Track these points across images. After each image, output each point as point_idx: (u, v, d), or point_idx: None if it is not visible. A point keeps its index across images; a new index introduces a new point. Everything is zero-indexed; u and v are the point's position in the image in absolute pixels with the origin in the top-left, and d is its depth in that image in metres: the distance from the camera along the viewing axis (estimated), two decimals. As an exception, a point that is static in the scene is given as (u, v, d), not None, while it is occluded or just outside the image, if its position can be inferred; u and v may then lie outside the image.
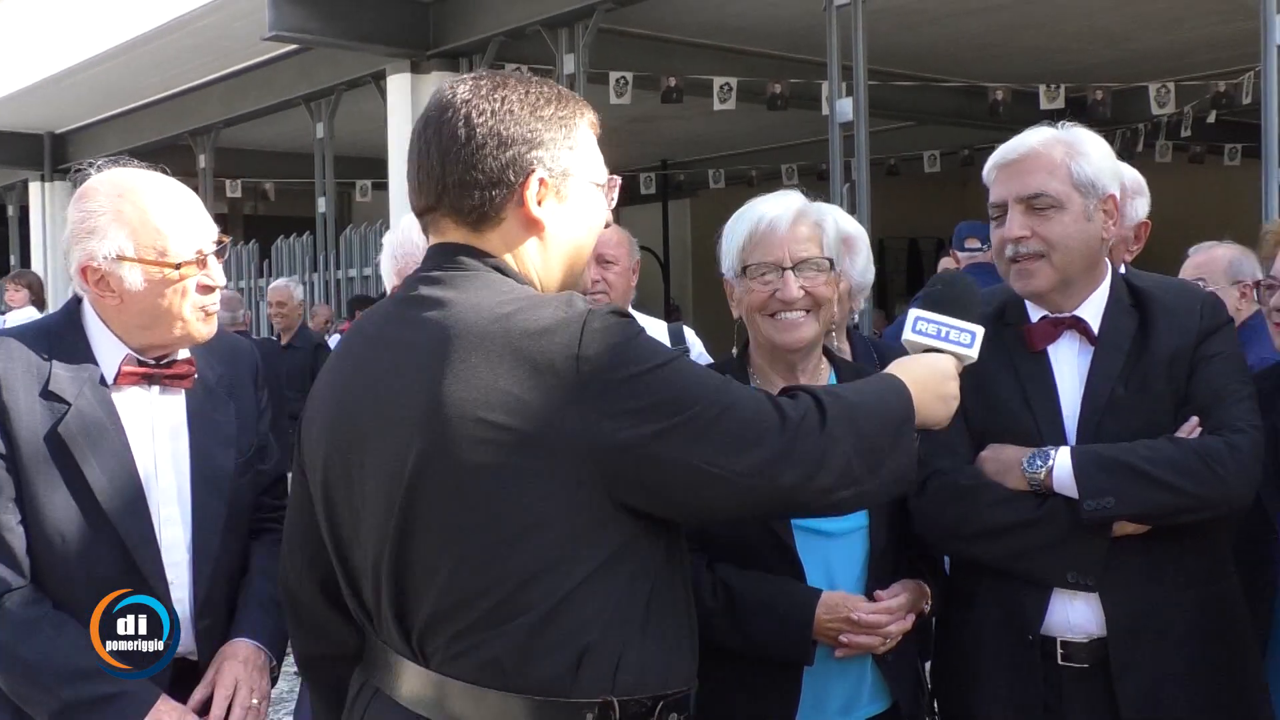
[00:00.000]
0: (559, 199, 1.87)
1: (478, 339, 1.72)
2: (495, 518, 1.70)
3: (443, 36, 10.70)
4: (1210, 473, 2.29)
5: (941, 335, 2.07)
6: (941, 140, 14.34)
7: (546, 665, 1.72)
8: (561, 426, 1.67)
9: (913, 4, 9.75)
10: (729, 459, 1.72)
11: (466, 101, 1.83)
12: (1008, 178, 2.47)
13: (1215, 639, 2.41)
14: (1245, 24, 7.52)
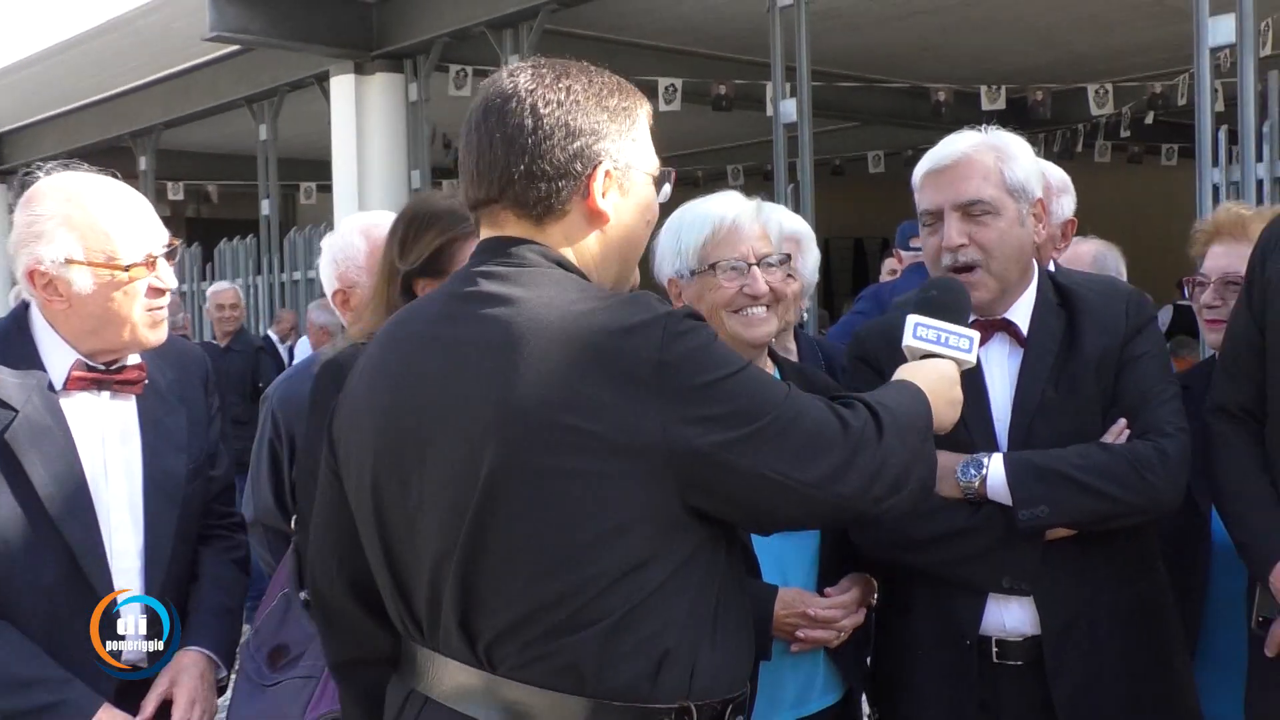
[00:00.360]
0: (621, 192, 1.84)
1: (554, 338, 1.68)
2: (575, 523, 1.67)
3: (387, 37, 10.63)
4: (1141, 480, 2.33)
5: (941, 340, 2.10)
6: (885, 140, 14.45)
7: (626, 670, 1.70)
8: (641, 430, 1.65)
9: (856, 6, 9.83)
10: (797, 469, 1.72)
11: (531, 91, 1.79)
12: (942, 185, 2.48)
13: (1145, 633, 2.47)
14: (1180, 27, 7.64)
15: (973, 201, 2.45)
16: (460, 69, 10.43)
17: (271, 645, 2.46)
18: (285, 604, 2.51)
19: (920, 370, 2.04)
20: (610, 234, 1.85)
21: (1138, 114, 12.17)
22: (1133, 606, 2.46)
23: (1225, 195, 6.20)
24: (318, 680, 2.36)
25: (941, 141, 2.55)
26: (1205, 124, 6.39)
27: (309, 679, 2.37)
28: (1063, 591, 2.40)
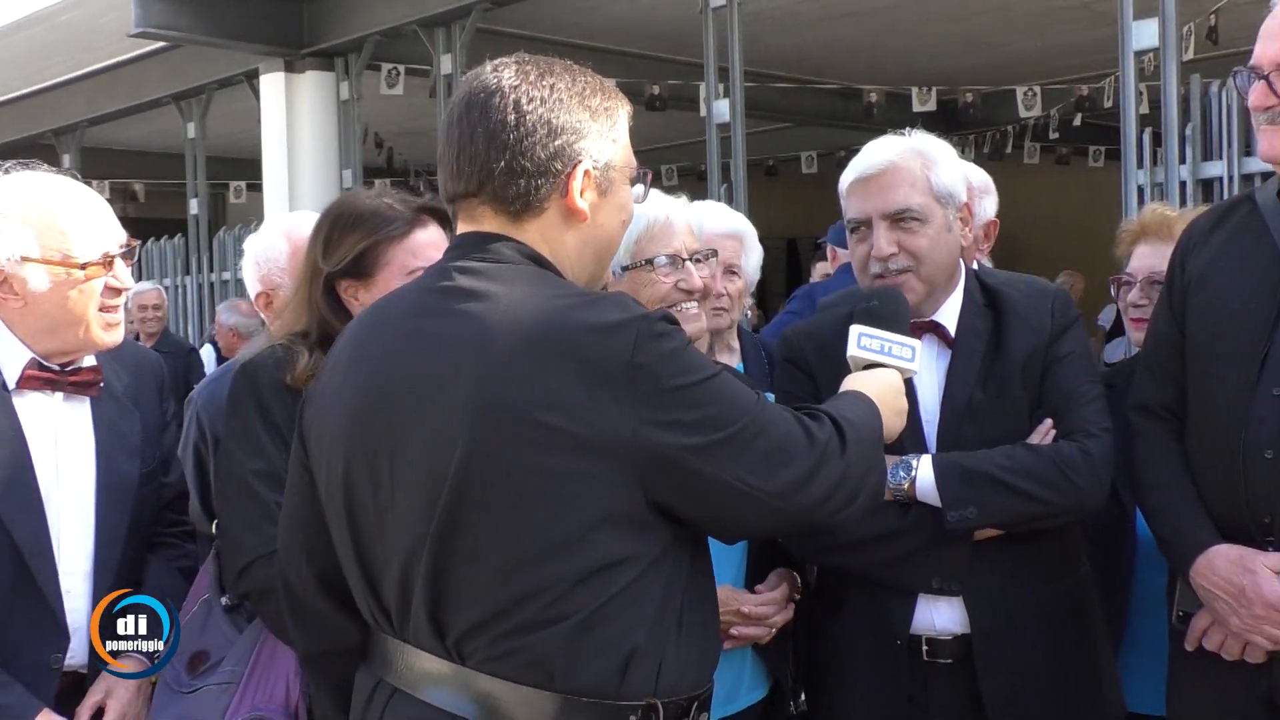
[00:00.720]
0: (599, 192, 1.86)
1: (527, 334, 1.69)
2: (544, 520, 1.69)
3: (317, 35, 10.53)
4: (1066, 481, 2.37)
5: (885, 350, 2.13)
6: (818, 141, 14.54)
7: (594, 668, 1.71)
8: (611, 429, 1.67)
9: (788, 7, 9.88)
10: (761, 479, 1.74)
11: (515, 87, 1.80)
12: (870, 193, 2.49)
13: (1071, 629, 2.51)
14: (1106, 31, 7.76)
15: (901, 210, 2.46)
16: (392, 68, 10.36)
17: (191, 652, 2.44)
18: (206, 610, 2.49)
19: (868, 381, 2.07)
20: (587, 233, 1.86)
21: (1066, 116, 12.33)
22: (1059, 603, 2.50)
23: (1150, 196, 6.29)
24: (236, 686, 2.35)
25: (866, 148, 2.55)
26: (1130, 126, 6.48)
27: (228, 685, 2.36)
28: (991, 591, 2.43)
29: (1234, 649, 2.30)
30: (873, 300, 2.27)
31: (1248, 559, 2.26)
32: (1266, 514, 2.27)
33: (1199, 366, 2.42)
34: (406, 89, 10.45)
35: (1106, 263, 3.24)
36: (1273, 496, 2.26)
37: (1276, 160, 2.31)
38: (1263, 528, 2.28)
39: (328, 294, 2.50)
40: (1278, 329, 2.28)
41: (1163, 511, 2.43)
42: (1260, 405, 2.27)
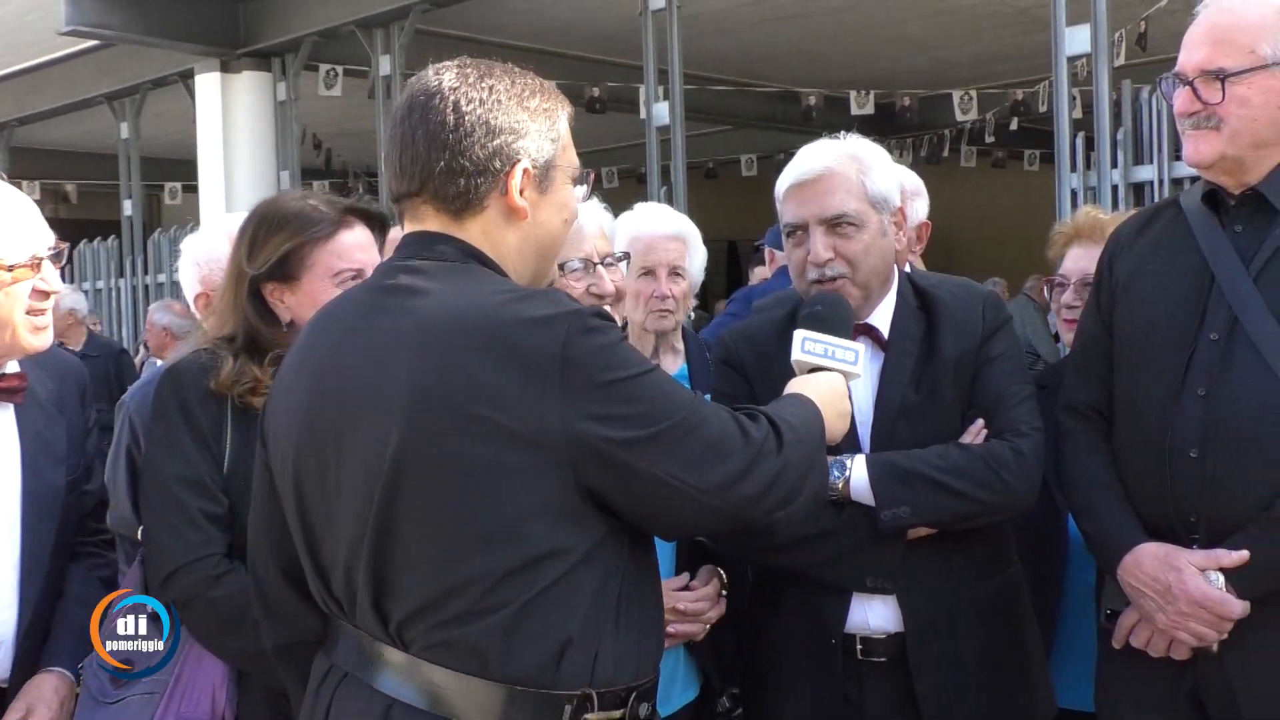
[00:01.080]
0: (539, 190, 1.88)
1: (463, 329, 1.72)
2: (478, 511, 1.70)
3: (254, 35, 10.43)
4: (998, 479, 2.39)
5: (828, 354, 2.15)
6: (757, 144, 14.62)
7: (529, 656, 1.73)
8: (543, 421, 1.68)
9: (727, 10, 9.92)
10: (692, 475, 1.75)
11: (454, 89, 1.83)
12: (806, 198, 2.51)
13: (1002, 627, 2.54)
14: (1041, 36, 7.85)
15: (837, 216, 2.48)
16: (330, 68, 10.29)
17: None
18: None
19: (811, 384, 2.09)
20: (528, 230, 1.89)
21: (1001, 120, 12.49)
22: (991, 601, 2.53)
23: (1083, 200, 6.38)
24: (161, 695, 2.33)
25: (801, 152, 2.57)
26: (1063, 131, 6.58)
27: (152, 694, 2.33)
28: (924, 589, 2.45)
29: (1160, 646, 2.33)
30: (817, 305, 2.28)
31: (1173, 557, 2.29)
32: (1191, 513, 2.30)
33: (1126, 368, 2.45)
34: (345, 90, 10.39)
35: (1042, 265, 3.28)
36: (1197, 495, 2.29)
37: (1200, 165, 2.35)
38: (1188, 526, 2.31)
39: (253, 297, 2.48)
40: (1202, 331, 2.32)
41: (1090, 510, 2.46)
42: (1185, 406, 2.31)
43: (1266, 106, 2.26)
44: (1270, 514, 2.22)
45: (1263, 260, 2.29)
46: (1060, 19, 6.47)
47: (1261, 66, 2.24)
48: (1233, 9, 2.30)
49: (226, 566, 2.33)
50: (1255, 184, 2.32)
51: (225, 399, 2.38)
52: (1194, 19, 2.36)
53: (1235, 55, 2.25)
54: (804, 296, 2.54)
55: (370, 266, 2.51)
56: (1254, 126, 2.27)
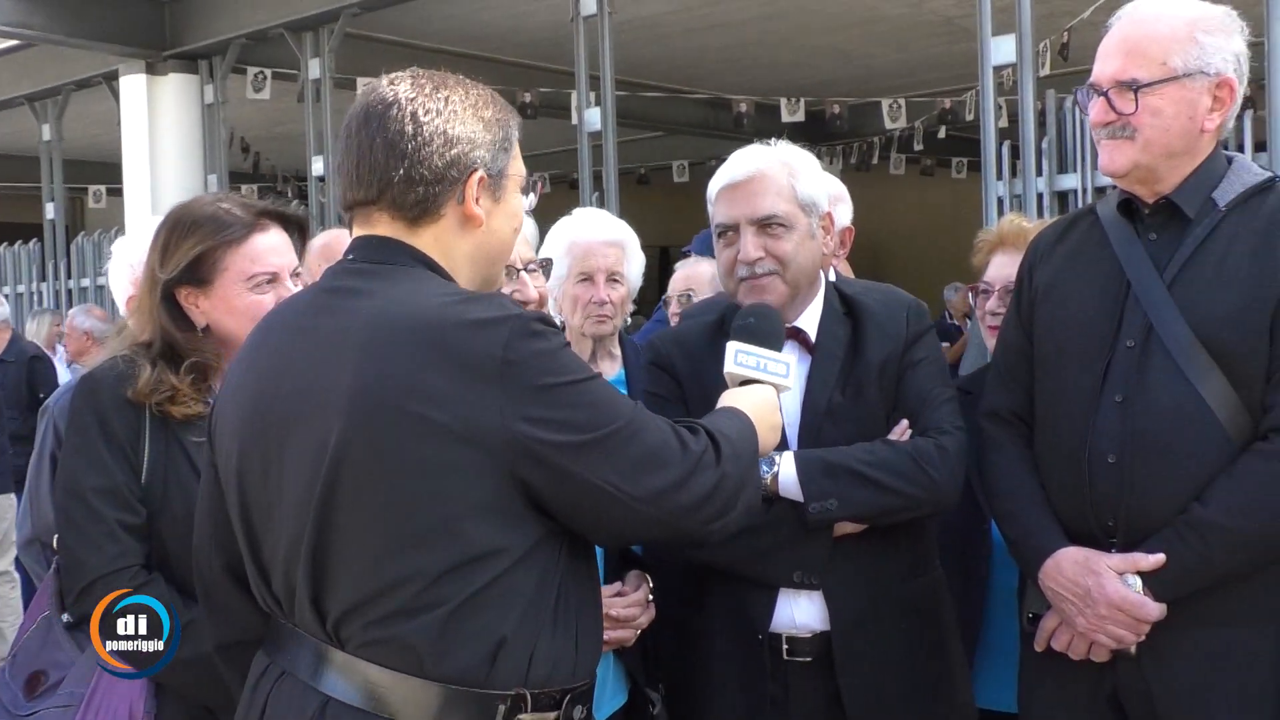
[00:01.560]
0: (494, 198, 1.92)
1: (406, 329, 1.74)
2: (415, 509, 1.72)
3: (180, 37, 10.28)
4: (924, 474, 2.44)
5: (761, 367, 2.17)
6: (689, 150, 14.67)
7: (463, 656, 1.74)
8: (481, 422, 1.70)
9: (659, 17, 9.94)
10: (630, 483, 1.77)
11: (411, 99, 1.86)
12: (737, 199, 2.57)
13: (925, 628, 2.58)
14: (967, 46, 7.96)
15: (768, 217, 2.53)
16: (259, 71, 10.16)
17: (29, 671, 2.38)
18: (46, 628, 2.43)
19: (745, 397, 2.12)
20: (481, 238, 1.92)
21: (930, 128, 12.63)
22: (915, 602, 2.57)
23: (1009, 207, 6.48)
24: (77, 709, 2.30)
25: (734, 156, 2.62)
26: (989, 139, 6.67)
27: (67, 707, 2.31)
28: (850, 586, 2.48)
29: (1080, 648, 2.37)
30: (750, 317, 2.30)
31: (1093, 561, 2.33)
32: (1110, 517, 2.35)
33: (1046, 374, 2.50)
34: (273, 93, 10.26)
35: (969, 271, 3.32)
36: (1116, 500, 2.33)
37: (1115, 174, 2.40)
38: (1107, 530, 2.35)
39: (167, 302, 2.46)
40: (1119, 338, 2.37)
41: (1012, 516, 2.50)
42: (1103, 412, 2.35)
43: (1178, 117, 2.32)
44: (1185, 518, 2.26)
45: (1176, 267, 2.34)
46: (986, 29, 6.55)
47: (1172, 78, 2.30)
48: (1144, 21, 2.35)
49: (145, 578, 2.31)
50: (1168, 193, 2.37)
51: (143, 407, 2.37)
52: (1107, 31, 2.41)
53: (1147, 67, 2.31)
54: (731, 296, 2.60)
55: (286, 270, 2.51)
56: (1166, 136, 2.32)
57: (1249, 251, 2.29)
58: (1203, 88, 2.31)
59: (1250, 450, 2.25)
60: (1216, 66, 2.31)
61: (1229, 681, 2.28)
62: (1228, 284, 2.29)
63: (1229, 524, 2.23)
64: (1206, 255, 2.32)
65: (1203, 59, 2.30)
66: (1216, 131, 2.38)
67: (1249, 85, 2.44)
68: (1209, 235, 2.33)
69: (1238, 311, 2.26)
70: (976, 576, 2.93)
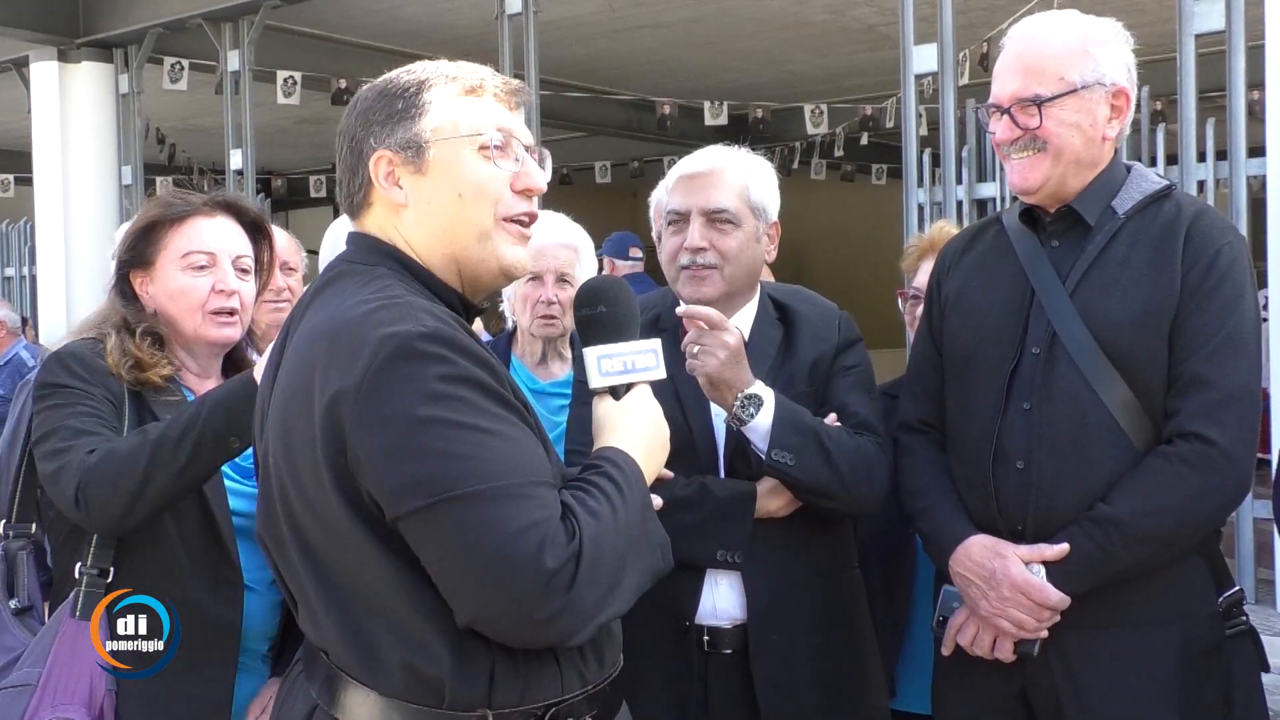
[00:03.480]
0: (418, 172, 1.83)
1: (314, 342, 1.72)
2: (315, 528, 1.71)
3: (94, 24, 10.06)
4: (868, 474, 2.52)
5: (629, 367, 1.92)
6: (612, 151, 14.67)
7: (401, 678, 1.69)
8: (342, 443, 1.62)
9: (584, 17, 9.93)
10: (462, 560, 1.58)
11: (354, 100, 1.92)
12: (693, 189, 2.65)
13: (841, 627, 2.63)
14: (889, 53, 8.04)
15: (718, 210, 2.62)
16: (176, 62, 9.98)
17: None
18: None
19: (625, 425, 1.88)
20: (417, 214, 1.83)
21: (851, 134, 12.74)
22: (831, 598, 2.63)
23: (929, 215, 6.55)
24: (34, 688, 2.27)
25: (698, 151, 2.73)
26: (911, 147, 6.74)
27: (25, 686, 2.28)
28: (768, 570, 2.54)
29: (985, 642, 2.41)
30: (599, 307, 1.98)
31: (1000, 546, 2.39)
32: (1019, 521, 2.40)
33: (955, 382, 2.55)
34: (191, 84, 10.09)
35: (889, 275, 3.36)
36: (1024, 504, 2.38)
37: (1026, 191, 2.44)
38: (1016, 534, 2.40)
39: (122, 284, 2.55)
40: (1024, 345, 2.42)
41: (926, 511, 2.55)
42: (1010, 418, 2.40)
43: (1081, 127, 2.38)
44: (1090, 514, 2.32)
45: (1078, 275, 2.39)
46: (908, 38, 6.62)
47: (1072, 91, 2.36)
48: (1037, 39, 2.42)
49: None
50: (1070, 200, 2.43)
51: (119, 379, 2.41)
52: (1001, 50, 2.46)
53: (1047, 83, 2.37)
54: (670, 283, 2.67)
55: (227, 255, 2.54)
56: (1074, 146, 2.38)
57: (1146, 259, 2.35)
58: (1100, 98, 2.38)
59: (1154, 452, 2.31)
60: (1111, 76, 2.39)
61: (1133, 680, 2.34)
62: (1127, 291, 2.35)
63: (1130, 521, 2.28)
64: (1106, 262, 2.38)
65: (1098, 70, 2.38)
66: (1115, 140, 2.45)
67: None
68: (1109, 243, 2.39)
69: (1137, 318, 2.32)
70: (901, 584, 2.98)
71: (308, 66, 10.25)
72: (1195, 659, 2.34)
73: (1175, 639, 2.34)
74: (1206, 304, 2.30)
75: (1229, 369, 2.28)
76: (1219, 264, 2.31)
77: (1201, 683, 2.34)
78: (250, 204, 2.67)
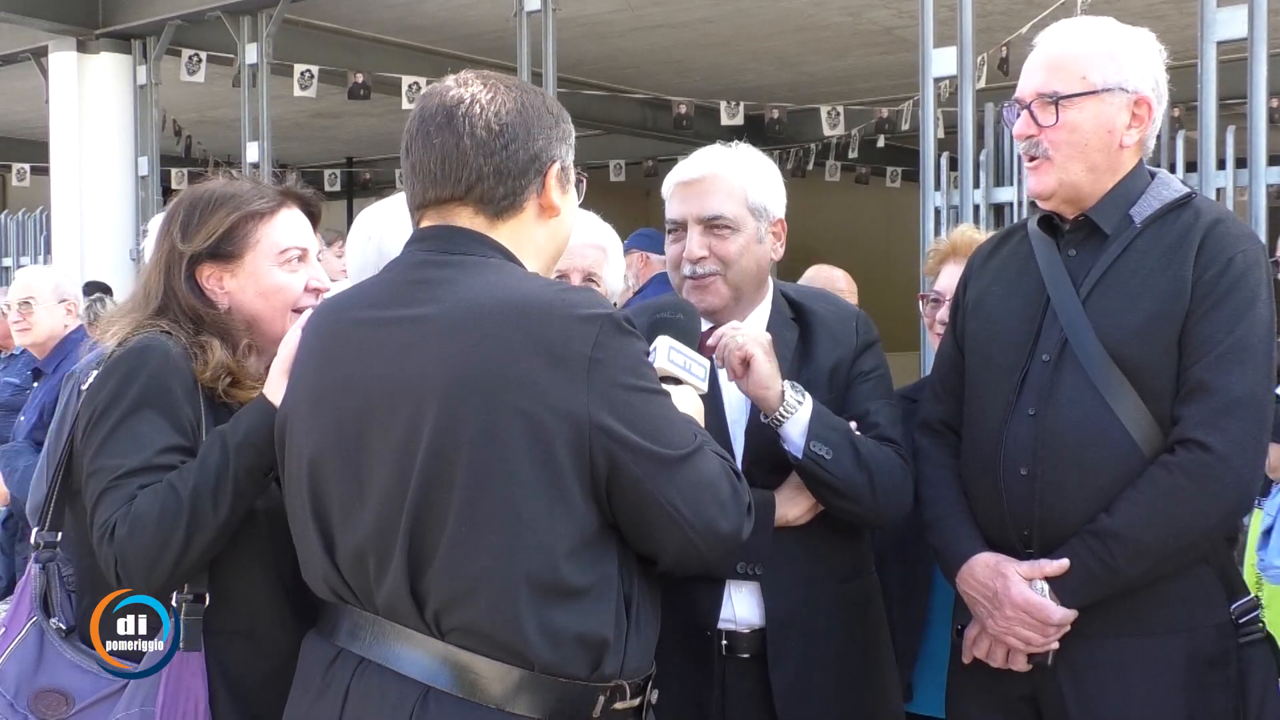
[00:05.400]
0: (563, 190, 2.02)
1: (499, 320, 1.80)
2: (511, 500, 1.77)
3: (113, 16, 10.09)
4: (890, 482, 2.50)
5: (687, 368, 2.16)
6: (626, 150, 14.65)
7: (570, 650, 1.80)
8: (568, 415, 1.77)
9: (601, 15, 9.93)
10: (691, 511, 1.85)
11: (491, 99, 1.94)
12: (688, 197, 2.61)
13: (858, 632, 2.62)
14: (906, 56, 8.02)
15: (714, 217, 2.58)
16: (194, 54, 10.00)
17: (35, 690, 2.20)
18: (37, 637, 2.24)
19: (693, 409, 2.08)
20: (555, 227, 2.03)
21: (866, 137, 12.72)
22: (849, 604, 2.61)
23: (945, 219, 6.53)
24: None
25: (694, 154, 2.67)
26: (928, 150, 6.71)
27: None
28: (787, 579, 2.52)
29: (999, 655, 2.41)
30: (679, 313, 2.30)
31: (1002, 565, 2.39)
32: (1025, 528, 2.39)
33: (970, 387, 2.55)
34: (208, 76, 10.11)
35: (901, 279, 3.36)
36: (1029, 512, 2.38)
37: (1041, 196, 2.46)
38: (1023, 540, 2.40)
39: (189, 280, 2.32)
40: (1035, 352, 2.42)
41: (936, 525, 2.54)
42: (1017, 424, 2.40)
43: (1097, 131, 2.38)
44: (1091, 527, 2.31)
45: (1091, 283, 2.39)
46: (927, 41, 6.60)
47: (1091, 92, 2.37)
48: (1066, 39, 2.44)
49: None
50: (1087, 209, 2.43)
51: (200, 391, 2.21)
52: (1033, 49, 2.47)
53: (1068, 81, 2.38)
54: (676, 290, 2.65)
55: (311, 252, 2.42)
56: (1085, 151, 2.38)
57: (1159, 267, 2.35)
58: (1121, 104, 2.38)
59: (1156, 462, 2.30)
60: (1134, 84, 2.38)
61: (1139, 690, 2.33)
62: (1138, 299, 2.34)
63: (1130, 534, 2.28)
64: (1120, 271, 2.38)
65: (1121, 75, 2.37)
66: (1137, 148, 2.44)
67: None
68: (1123, 251, 2.39)
69: (1146, 326, 2.31)
70: (919, 585, 2.97)
71: (325, 60, 10.26)
72: (1202, 669, 2.33)
73: (1181, 648, 2.33)
74: (1215, 310, 2.29)
75: (1234, 376, 2.26)
76: (1231, 270, 2.30)
77: (1210, 692, 2.33)
78: (310, 195, 2.53)
